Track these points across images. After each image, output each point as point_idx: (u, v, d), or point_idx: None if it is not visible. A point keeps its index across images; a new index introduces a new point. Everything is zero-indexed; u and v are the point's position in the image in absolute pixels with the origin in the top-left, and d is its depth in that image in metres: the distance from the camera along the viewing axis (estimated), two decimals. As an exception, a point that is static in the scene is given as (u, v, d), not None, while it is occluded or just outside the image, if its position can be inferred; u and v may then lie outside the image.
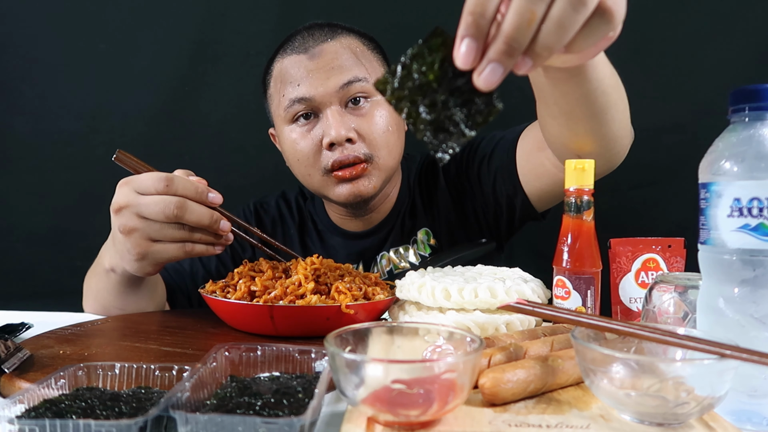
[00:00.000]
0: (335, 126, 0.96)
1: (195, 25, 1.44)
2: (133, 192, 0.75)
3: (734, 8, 1.29)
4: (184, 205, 0.74)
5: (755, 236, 0.46)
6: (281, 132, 1.05)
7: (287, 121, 1.03)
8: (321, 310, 0.69)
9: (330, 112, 0.98)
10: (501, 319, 0.66)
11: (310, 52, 1.00)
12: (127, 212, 0.75)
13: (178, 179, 0.75)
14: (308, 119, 1.01)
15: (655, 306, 0.62)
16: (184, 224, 0.75)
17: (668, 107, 1.33)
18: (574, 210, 0.67)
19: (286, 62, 1.02)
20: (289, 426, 0.38)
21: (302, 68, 1.00)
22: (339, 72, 0.99)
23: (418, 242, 1.11)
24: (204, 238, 0.77)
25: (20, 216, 1.51)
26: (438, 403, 0.42)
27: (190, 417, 0.39)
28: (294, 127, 1.02)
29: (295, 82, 1.00)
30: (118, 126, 1.47)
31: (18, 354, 0.60)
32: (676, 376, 0.43)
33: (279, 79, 1.04)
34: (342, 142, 0.97)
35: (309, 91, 0.98)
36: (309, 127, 1.01)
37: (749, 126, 0.48)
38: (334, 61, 0.99)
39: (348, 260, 1.12)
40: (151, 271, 0.82)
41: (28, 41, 1.47)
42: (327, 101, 0.98)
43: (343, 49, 1.01)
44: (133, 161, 0.81)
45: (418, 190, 1.15)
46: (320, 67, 0.99)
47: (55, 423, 0.38)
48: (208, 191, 0.77)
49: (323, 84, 0.98)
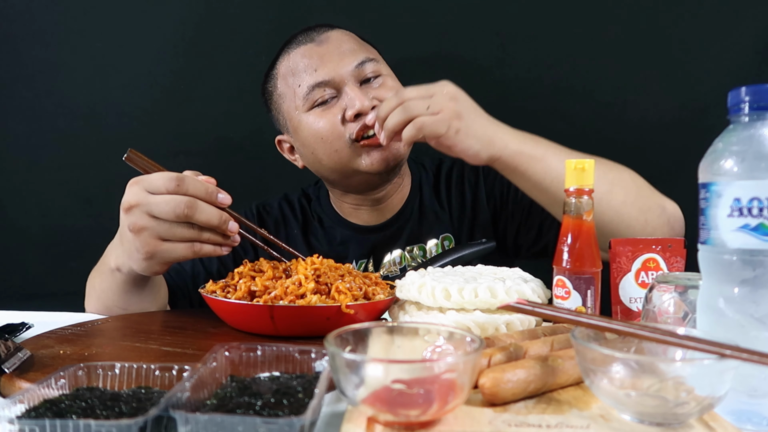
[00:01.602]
0: (359, 98, 1.00)
1: (193, 24, 1.44)
2: (144, 191, 0.75)
3: (734, 8, 1.29)
4: (195, 204, 0.74)
5: (755, 236, 0.46)
6: (299, 122, 1.06)
7: (306, 108, 1.04)
8: (321, 310, 0.70)
9: (349, 88, 1.02)
10: (501, 319, 0.66)
11: (317, 40, 1.05)
12: (138, 211, 0.75)
13: (189, 179, 0.75)
14: (327, 103, 1.04)
15: (655, 306, 0.62)
16: (193, 224, 0.76)
17: (668, 107, 1.33)
18: (574, 210, 0.67)
19: (293, 56, 1.06)
20: (289, 426, 0.38)
21: (314, 55, 1.04)
22: (350, 54, 1.04)
23: (437, 245, 1.12)
24: (213, 238, 0.78)
25: (20, 216, 1.51)
26: (438, 403, 0.42)
27: (190, 417, 0.39)
28: (314, 111, 1.04)
29: (311, 68, 1.03)
30: (115, 126, 1.46)
31: (18, 354, 0.60)
32: (676, 376, 0.43)
33: (290, 73, 1.06)
34: (367, 111, 1.00)
35: (328, 73, 1.02)
36: (329, 106, 1.04)
37: (749, 126, 0.48)
38: (342, 46, 1.05)
39: (359, 254, 1.12)
40: (158, 270, 0.82)
41: (25, 41, 1.47)
42: (344, 80, 1.02)
43: (347, 36, 1.07)
44: (144, 161, 0.81)
45: (445, 194, 1.16)
46: (331, 51, 1.04)
47: (56, 423, 0.38)
48: (217, 192, 0.77)
49: (338, 64, 1.02)
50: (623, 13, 1.31)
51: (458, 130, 0.85)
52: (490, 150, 0.88)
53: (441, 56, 1.38)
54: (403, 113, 0.87)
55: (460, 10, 1.37)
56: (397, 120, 0.87)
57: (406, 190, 1.16)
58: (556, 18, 1.35)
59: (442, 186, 1.17)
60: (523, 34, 1.36)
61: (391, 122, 0.88)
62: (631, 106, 1.35)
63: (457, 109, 0.86)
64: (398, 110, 0.87)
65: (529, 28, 1.36)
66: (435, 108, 0.86)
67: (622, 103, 1.36)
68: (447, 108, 0.86)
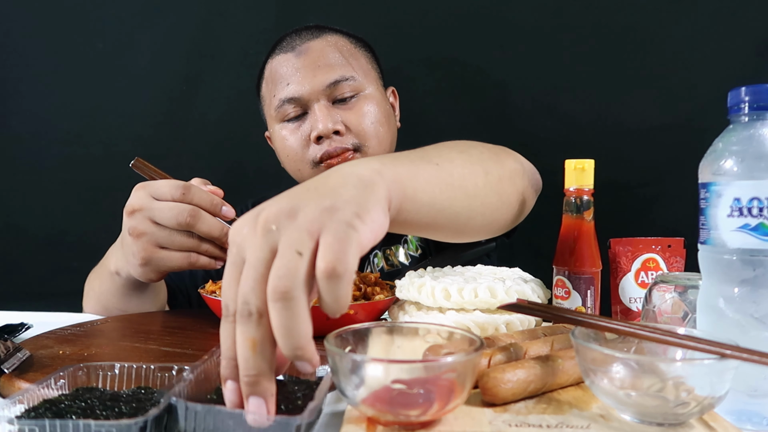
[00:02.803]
0: (322, 119, 0.97)
1: (193, 24, 1.44)
2: (149, 196, 0.75)
3: (733, 7, 1.29)
4: (198, 214, 0.74)
5: (755, 236, 0.46)
6: (273, 131, 1.07)
7: (278, 120, 1.04)
8: (321, 310, 0.69)
9: (317, 106, 0.99)
10: (501, 319, 0.66)
11: (297, 50, 1.02)
12: (140, 215, 0.75)
13: (195, 189, 0.75)
14: (298, 119, 1.02)
15: (655, 306, 0.62)
16: (193, 234, 0.76)
17: (668, 107, 1.33)
18: (574, 210, 0.67)
19: (274, 63, 1.04)
20: (285, 425, 0.38)
21: (290, 66, 1.01)
22: (326, 70, 1.00)
23: (408, 242, 1.11)
24: (211, 250, 0.78)
25: (19, 216, 1.51)
26: (438, 403, 0.42)
27: (190, 406, 0.39)
28: (285, 125, 1.03)
29: (284, 82, 1.01)
30: (115, 126, 1.46)
31: (18, 354, 0.60)
32: (676, 376, 0.43)
33: (269, 80, 1.05)
34: (329, 135, 0.98)
35: (297, 90, 1.00)
36: (299, 124, 1.02)
37: (749, 126, 0.48)
38: (321, 59, 1.00)
39: None
40: (153, 278, 0.82)
41: (25, 41, 1.47)
42: (315, 98, 1.00)
43: (329, 47, 1.02)
44: (150, 169, 0.81)
45: None
46: (307, 65, 1.00)
47: (55, 423, 0.38)
48: (222, 204, 0.77)
49: (310, 82, 0.99)
50: (623, 14, 1.31)
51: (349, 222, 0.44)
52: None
53: (441, 57, 1.38)
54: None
55: (460, 10, 1.37)
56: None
57: None
58: (556, 18, 1.35)
59: None
60: (524, 34, 1.36)
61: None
62: (630, 106, 1.35)
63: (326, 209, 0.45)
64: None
65: (530, 28, 1.36)
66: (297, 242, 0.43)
67: (622, 103, 1.36)
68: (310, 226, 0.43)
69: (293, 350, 0.38)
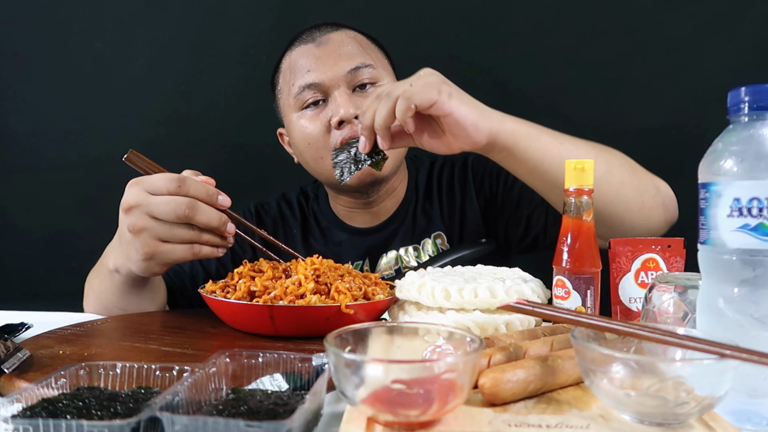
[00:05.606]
0: (344, 105, 0.99)
1: (194, 24, 1.44)
2: (144, 192, 0.75)
3: (734, 8, 1.29)
4: (195, 206, 0.74)
5: (755, 236, 0.46)
6: (291, 121, 1.07)
7: (297, 109, 1.04)
8: (321, 310, 0.69)
9: (338, 93, 1.01)
10: (501, 319, 0.66)
11: (318, 41, 1.04)
12: (138, 211, 0.75)
13: (189, 180, 0.75)
14: (317, 106, 1.03)
15: (655, 306, 0.62)
16: (193, 225, 0.76)
17: (668, 107, 1.33)
18: (574, 210, 0.67)
19: (294, 54, 1.06)
20: (274, 430, 0.37)
21: (311, 56, 1.03)
22: (346, 58, 1.02)
23: (430, 244, 1.12)
24: (212, 240, 0.78)
25: (19, 216, 1.51)
26: (438, 403, 0.42)
27: (176, 418, 0.39)
28: (303, 113, 1.04)
29: (305, 69, 1.03)
30: (115, 126, 1.46)
31: (18, 354, 0.60)
32: (676, 376, 0.43)
33: (288, 71, 1.06)
34: (350, 120, 0.99)
35: (318, 76, 1.01)
36: (318, 111, 1.03)
37: (749, 126, 0.48)
38: (341, 48, 1.03)
39: (354, 257, 1.12)
40: (157, 272, 0.82)
41: (25, 41, 1.47)
42: (335, 84, 1.01)
43: (349, 39, 1.05)
44: (144, 161, 0.81)
45: (436, 193, 1.15)
46: (328, 54, 1.02)
47: (49, 423, 0.38)
48: (217, 193, 0.77)
49: (331, 69, 1.01)
50: (623, 14, 1.31)
51: (451, 94, 0.76)
52: (488, 123, 0.79)
53: (441, 57, 1.38)
54: (386, 101, 0.77)
55: (460, 10, 1.37)
56: (383, 112, 0.77)
57: (400, 194, 1.15)
58: (556, 18, 1.35)
59: (434, 184, 1.16)
60: (523, 34, 1.36)
61: (379, 117, 0.78)
62: (631, 106, 1.35)
63: (442, 79, 0.79)
64: (381, 103, 0.78)
65: (529, 28, 1.36)
66: (417, 83, 0.78)
67: (622, 103, 1.36)
68: (431, 78, 0.78)
69: (404, 111, 0.76)
